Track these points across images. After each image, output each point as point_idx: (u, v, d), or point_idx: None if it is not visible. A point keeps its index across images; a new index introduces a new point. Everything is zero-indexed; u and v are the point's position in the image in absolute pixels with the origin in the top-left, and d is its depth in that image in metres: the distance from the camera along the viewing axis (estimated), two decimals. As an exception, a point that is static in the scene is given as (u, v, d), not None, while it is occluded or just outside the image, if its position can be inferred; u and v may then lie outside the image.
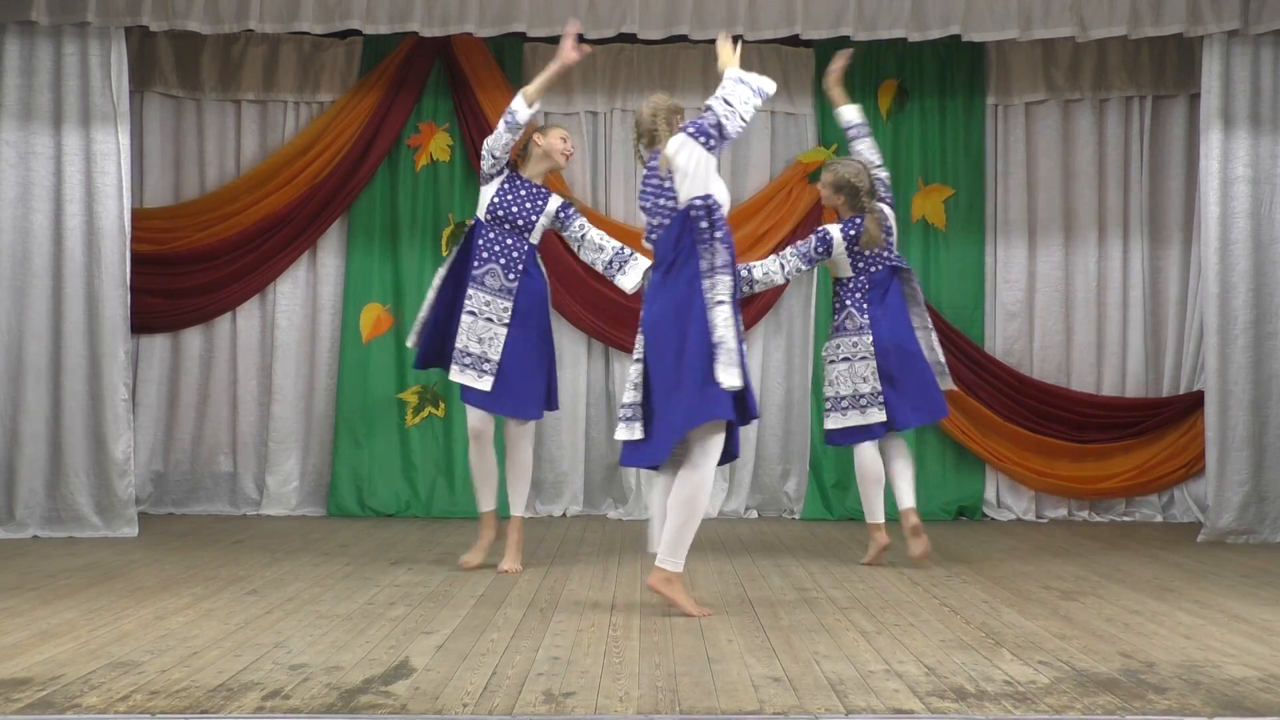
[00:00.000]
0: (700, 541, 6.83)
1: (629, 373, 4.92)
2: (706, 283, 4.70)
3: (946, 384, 6.23)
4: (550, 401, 5.92)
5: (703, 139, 4.81)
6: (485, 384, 5.68)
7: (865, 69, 8.11)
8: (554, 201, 5.89)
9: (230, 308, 8.02)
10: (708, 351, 4.63)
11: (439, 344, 5.82)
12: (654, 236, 4.91)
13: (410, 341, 5.98)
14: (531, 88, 5.82)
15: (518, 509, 5.91)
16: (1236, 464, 6.97)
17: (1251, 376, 6.99)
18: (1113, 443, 7.97)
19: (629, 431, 4.82)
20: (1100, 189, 8.12)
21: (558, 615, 4.76)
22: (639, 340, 4.92)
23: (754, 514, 8.05)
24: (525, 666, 3.91)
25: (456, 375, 5.71)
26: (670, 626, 4.56)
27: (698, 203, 4.78)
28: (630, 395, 4.85)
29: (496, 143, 5.76)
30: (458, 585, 5.40)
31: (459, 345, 5.71)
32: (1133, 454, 7.96)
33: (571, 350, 8.11)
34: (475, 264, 5.74)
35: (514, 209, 5.78)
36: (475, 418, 5.79)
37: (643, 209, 4.99)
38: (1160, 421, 7.94)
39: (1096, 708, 3.47)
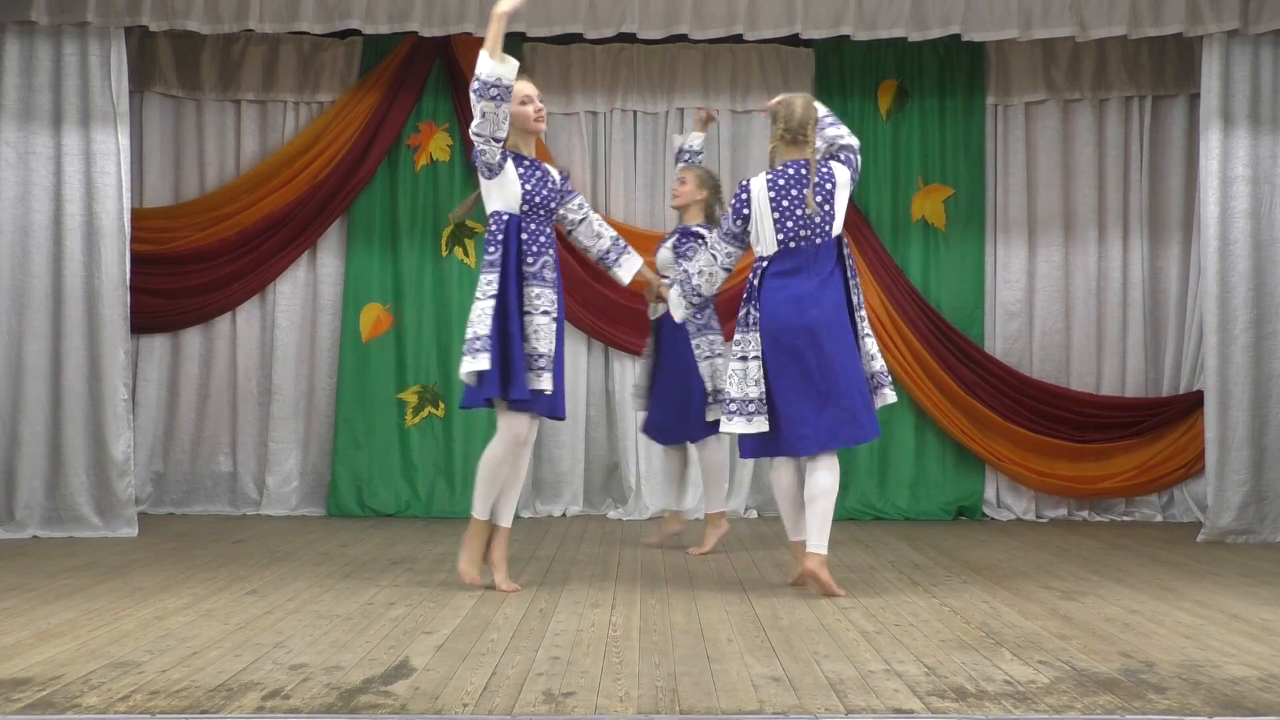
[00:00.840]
0: (700, 541, 6.85)
1: (745, 369, 5.14)
2: (858, 315, 5.20)
3: None
4: None
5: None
6: (547, 383, 5.11)
7: (865, 69, 8.12)
8: (555, 173, 5.38)
9: (230, 308, 8.03)
10: (862, 373, 5.18)
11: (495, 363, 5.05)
12: (800, 245, 5.16)
13: (480, 364, 4.99)
14: (488, 45, 4.99)
15: (510, 520, 5.41)
16: (1236, 464, 6.97)
17: (1251, 376, 6.99)
18: (1112, 443, 7.97)
19: (755, 424, 5.11)
20: (1100, 189, 8.12)
21: (558, 615, 4.76)
22: (754, 338, 5.14)
23: (754, 514, 8.05)
24: (525, 666, 3.91)
25: (540, 383, 5.08)
26: (670, 626, 4.56)
27: (845, 239, 5.27)
28: (754, 390, 5.12)
29: (492, 124, 5.06)
30: (457, 585, 5.39)
31: (533, 350, 5.10)
32: (1132, 454, 7.96)
33: (571, 350, 8.11)
34: (529, 259, 5.16)
35: (544, 192, 5.23)
36: (527, 423, 5.22)
37: (781, 208, 5.15)
38: (1160, 421, 7.94)
39: (1096, 708, 3.47)
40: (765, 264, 5.17)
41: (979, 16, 7.11)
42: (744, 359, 5.16)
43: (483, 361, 5.00)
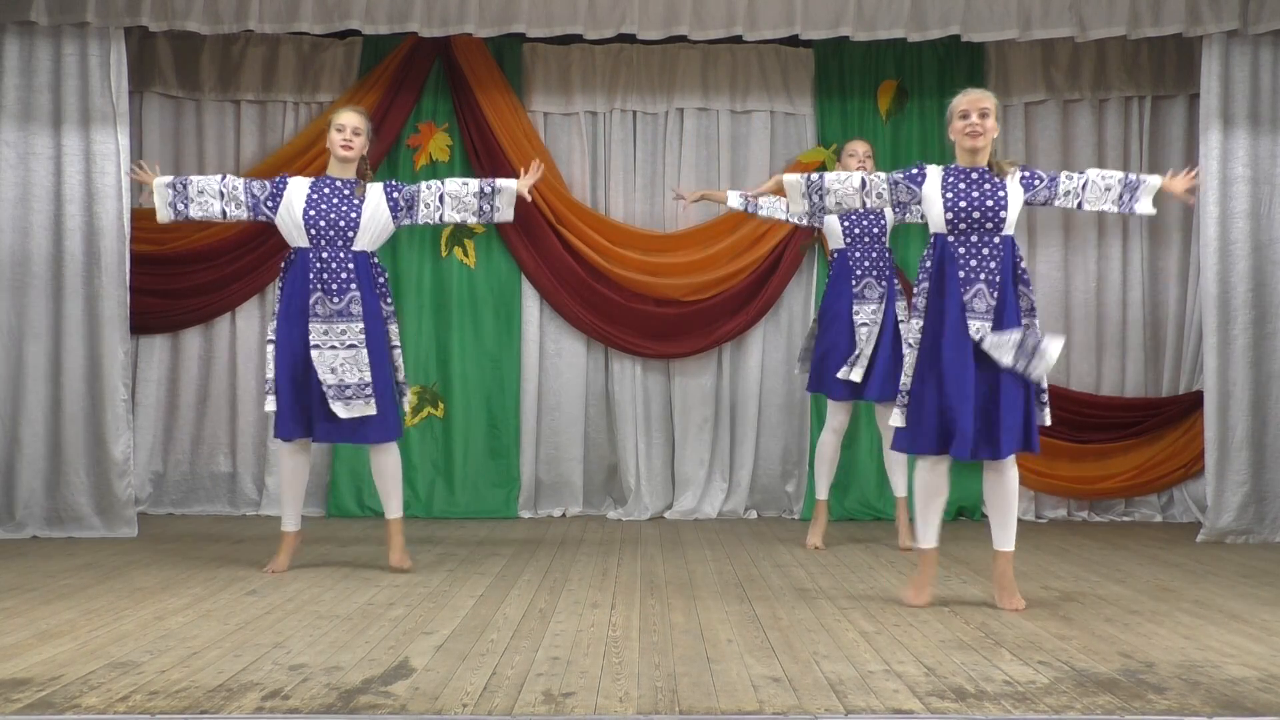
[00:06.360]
0: (700, 541, 6.86)
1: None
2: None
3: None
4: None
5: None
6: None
7: (865, 69, 8.12)
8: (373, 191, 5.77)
9: (230, 308, 8.03)
10: None
11: None
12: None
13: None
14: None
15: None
16: (1236, 464, 6.97)
17: (1251, 376, 6.99)
18: (1112, 443, 7.97)
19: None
20: (1100, 189, 8.12)
21: (557, 616, 4.76)
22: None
23: (754, 514, 8.05)
24: (525, 666, 3.91)
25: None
26: (670, 627, 4.56)
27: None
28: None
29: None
30: (458, 585, 5.40)
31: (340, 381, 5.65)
32: (1132, 454, 7.96)
33: (571, 350, 8.11)
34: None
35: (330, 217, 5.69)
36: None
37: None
38: (1160, 421, 7.94)
39: (1096, 708, 3.47)
40: None
41: (978, 17, 7.12)
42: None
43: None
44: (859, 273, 6.64)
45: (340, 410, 5.53)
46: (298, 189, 5.70)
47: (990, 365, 4.78)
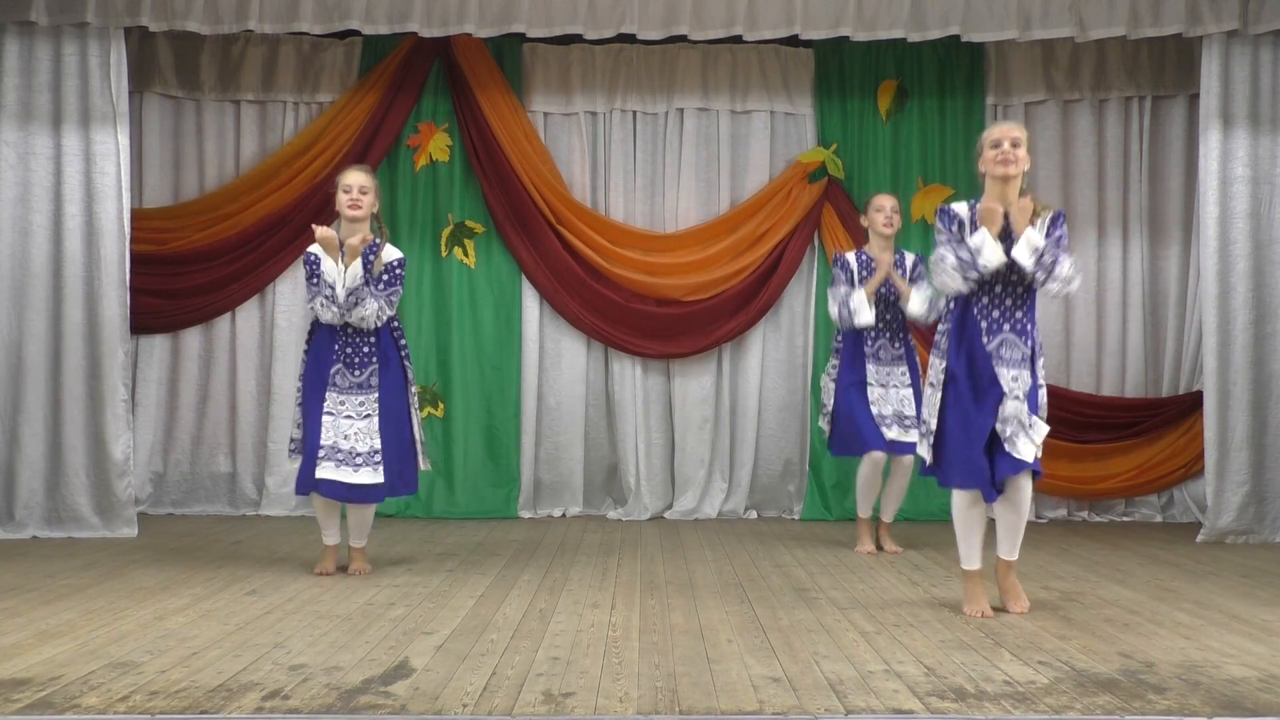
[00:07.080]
0: (700, 541, 6.86)
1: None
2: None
3: None
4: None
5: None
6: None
7: (865, 69, 8.12)
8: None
9: (229, 308, 8.03)
10: None
11: None
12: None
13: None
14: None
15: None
16: (1236, 464, 6.97)
17: (1251, 376, 6.99)
18: (1112, 443, 7.97)
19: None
20: (1100, 189, 8.12)
21: (557, 615, 4.76)
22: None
23: (754, 514, 8.05)
24: (525, 666, 3.91)
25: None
26: (670, 627, 4.56)
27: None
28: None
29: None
30: (457, 585, 5.40)
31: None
32: (1132, 454, 7.96)
33: (571, 350, 8.11)
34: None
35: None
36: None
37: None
38: (1160, 421, 7.94)
39: (1096, 708, 3.47)
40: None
41: (978, 17, 7.11)
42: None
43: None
44: (872, 334, 6.53)
45: (329, 472, 5.45)
46: (326, 263, 5.60)
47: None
